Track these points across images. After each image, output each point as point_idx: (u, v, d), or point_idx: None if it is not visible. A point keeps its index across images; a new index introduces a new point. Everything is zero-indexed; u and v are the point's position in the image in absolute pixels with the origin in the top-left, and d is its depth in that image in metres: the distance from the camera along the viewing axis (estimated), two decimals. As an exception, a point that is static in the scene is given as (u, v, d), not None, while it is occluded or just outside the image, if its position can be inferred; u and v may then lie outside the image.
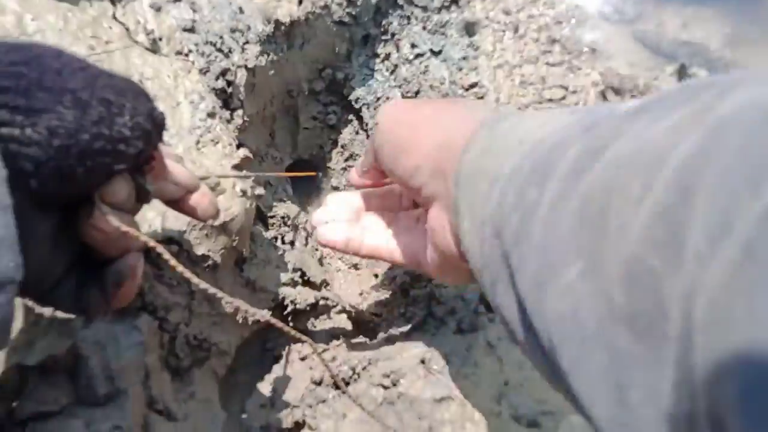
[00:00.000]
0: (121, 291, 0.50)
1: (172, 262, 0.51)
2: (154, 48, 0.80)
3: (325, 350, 0.84)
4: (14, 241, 0.36)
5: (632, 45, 1.19)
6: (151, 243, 0.49)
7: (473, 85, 1.04)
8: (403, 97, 1.04)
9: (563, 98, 1.07)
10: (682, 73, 1.04)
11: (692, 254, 0.25)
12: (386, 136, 0.62)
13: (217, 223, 0.70)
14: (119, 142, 0.43)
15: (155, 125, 0.46)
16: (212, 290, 0.53)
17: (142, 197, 0.50)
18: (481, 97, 1.04)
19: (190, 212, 0.57)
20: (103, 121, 0.42)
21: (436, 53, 1.07)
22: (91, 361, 0.60)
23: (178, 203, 0.56)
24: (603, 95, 1.08)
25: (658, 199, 0.28)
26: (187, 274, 0.52)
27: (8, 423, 0.58)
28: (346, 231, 0.71)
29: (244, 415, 0.78)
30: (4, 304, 0.35)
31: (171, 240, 0.68)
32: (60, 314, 0.60)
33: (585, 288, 0.33)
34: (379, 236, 0.72)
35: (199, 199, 0.56)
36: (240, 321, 0.76)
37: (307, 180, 1.05)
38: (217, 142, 0.77)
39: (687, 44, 1.19)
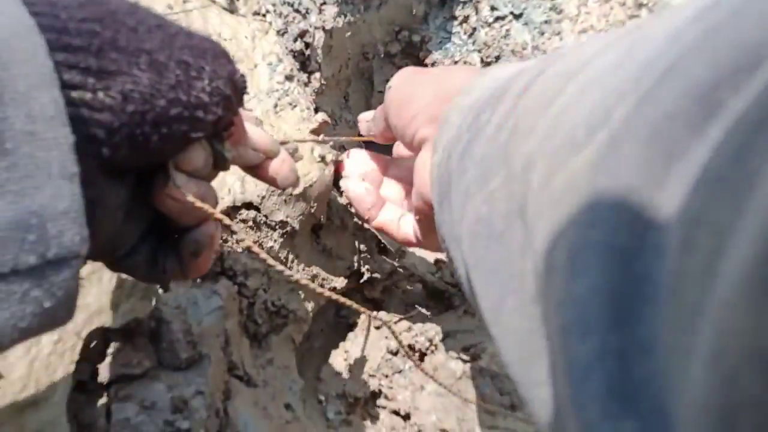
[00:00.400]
0: (198, 261, 0.48)
1: (245, 239, 0.49)
2: (231, 8, 0.78)
3: (400, 320, 0.82)
4: (80, 212, 0.33)
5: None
6: (226, 221, 0.47)
7: (557, 50, 1.00)
8: (482, 62, 1.01)
9: (650, 64, 1.02)
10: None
11: (571, 144, 0.27)
12: (394, 94, 0.63)
13: (296, 191, 0.69)
14: (197, 109, 0.40)
15: (236, 90, 0.43)
16: (279, 267, 0.51)
17: (220, 164, 0.47)
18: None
19: (270, 180, 0.54)
20: (180, 85, 0.39)
21: (517, 16, 1.02)
22: (173, 326, 0.59)
23: (256, 170, 0.53)
24: (692, 61, 1.02)
25: (563, 100, 0.30)
26: (256, 249, 0.50)
27: (92, 385, 0.58)
28: (371, 195, 0.71)
29: (319, 383, 0.77)
30: (69, 279, 0.33)
31: (249, 205, 0.67)
32: (143, 277, 0.60)
33: (501, 192, 0.35)
34: (391, 212, 0.70)
35: (278, 167, 0.54)
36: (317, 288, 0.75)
37: (383, 145, 1.03)
38: (295, 106, 0.75)
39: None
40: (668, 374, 0.21)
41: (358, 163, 0.73)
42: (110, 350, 0.59)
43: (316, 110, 0.78)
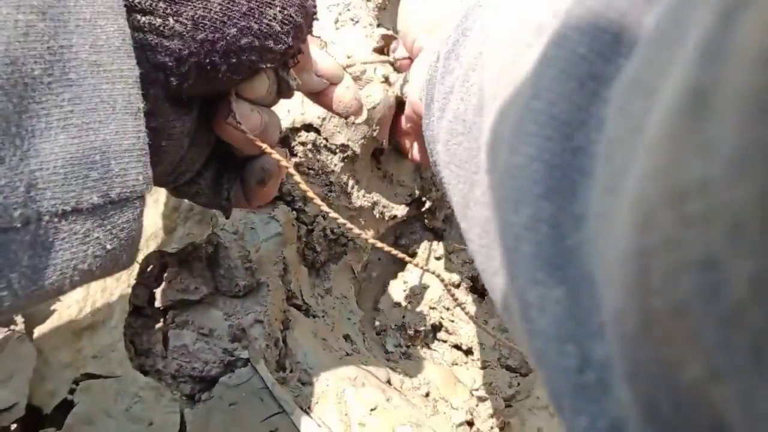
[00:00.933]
0: (265, 189, 0.46)
1: (301, 183, 0.46)
2: None
3: (462, 251, 0.79)
4: (144, 150, 0.32)
5: None
6: (283, 162, 0.44)
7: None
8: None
9: None
10: None
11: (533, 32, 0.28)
12: (403, 7, 0.61)
13: (359, 120, 0.65)
14: (268, 38, 0.38)
15: (306, 17, 0.40)
16: (333, 215, 0.48)
17: (284, 92, 0.45)
18: None
19: (333, 108, 0.51)
20: (252, 12, 0.37)
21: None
22: (230, 251, 0.57)
23: (319, 96, 0.51)
24: None
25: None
26: (311, 194, 0.47)
27: (149, 310, 0.56)
28: None
29: (378, 314, 0.74)
30: (132, 221, 0.32)
31: (309, 127, 0.63)
32: (200, 200, 0.57)
33: (475, 86, 0.34)
34: None
35: (342, 94, 0.51)
36: (377, 216, 0.72)
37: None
38: (357, 21, 0.70)
39: None
40: (595, 240, 0.21)
41: None
42: (167, 275, 0.56)
43: (378, 26, 0.73)
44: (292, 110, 0.62)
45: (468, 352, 0.73)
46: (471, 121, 0.34)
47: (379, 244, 0.53)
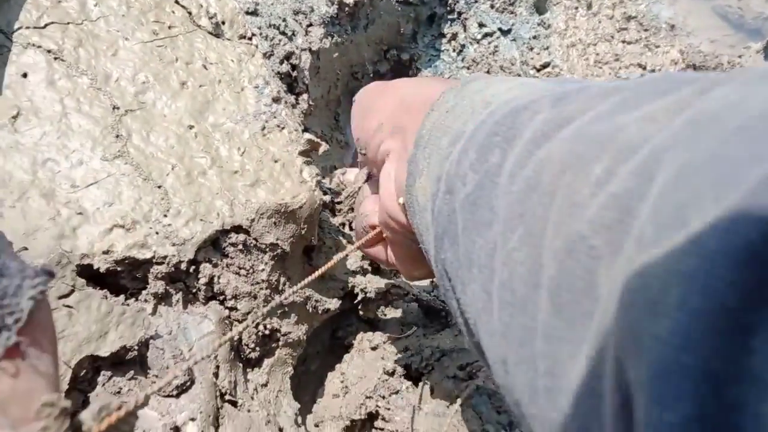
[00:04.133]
0: None
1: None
2: (217, 32, 0.78)
3: (396, 339, 0.81)
4: None
5: (713, 21, 1.13)
6: None
7: (545, 65, 1.00)
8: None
9: (641, 77, 1.02)
10: (768, 47, 0.98)
11: (635, 239, 0.25)
12: (357, 107, 0.62)
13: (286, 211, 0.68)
14: None
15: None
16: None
17: None
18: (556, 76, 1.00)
19: None
20: None
21: (505, 32, 1.03)
22: (164, 352, 0.58)
23: None
24: (682, 72, 1.02)
25: (619, 186, 0.27)
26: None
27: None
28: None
29: (315, 405, 0.76)
30: None
31: (239, 228, 0.66)
32: (131, 305, 0.59)
33: (521, 254, 0.33)
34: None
35: None
36: (310, 310, 0.74)
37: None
38: (283, 128, 0.75)
39: (772, 17, 1.12)
40: None
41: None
42: (100, 378, 0.58)
43: (305, 131, 0.77)
44: (221, 213, 0.65)
45: (403, 438, 0.75)
46: (523, 294, 0.33)
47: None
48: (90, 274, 0.59)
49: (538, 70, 1.00)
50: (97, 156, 0.63)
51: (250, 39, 0.79)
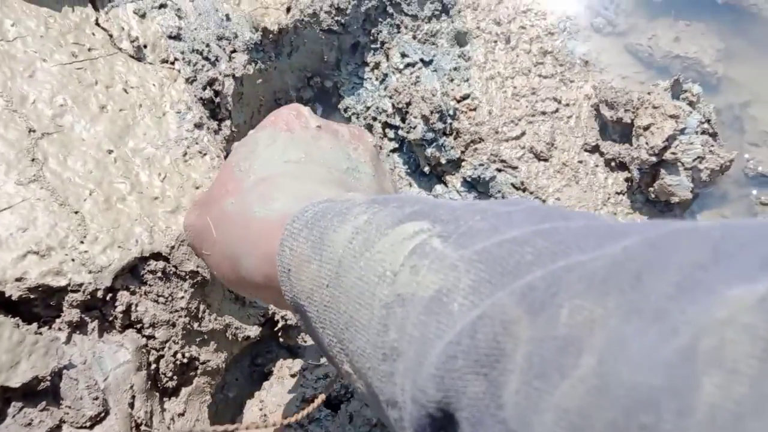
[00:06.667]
0: None
1: None
2: (138, 56, 0.77)
3: (316, 367, 0.81)
4: None
5: (625, 58, 1.18)
6: None
7: (465, 97, 1.03)
8: (394, 107, 1.02)
9: (556, 111, 1.06)
10: (676, 88, 1.03)
11: None
12: (195, 242, 0.61)
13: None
14: None
15: None
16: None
17: None
18: (474, 110, 1.03)
19: None
20: None
21: (426, 63, 1.05)
22: (77, 382, 0.57)
23: None
24: (597, 109, 1.06)
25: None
26: None
27: (-10, 448, 0.55)
28: None
29: (233, 436, 0.75)
30: None
31: (158, 255, 0.65)
32: (44, 333, 0.58)
33: None
34: None
35: None
36: (230, 338, 0.74)
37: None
38: (205, 154, 0.74)
39: (680, 58, 1.18)
40: None
41: None
42: (10, 410, 0.56)
43: (227, 157, 0.77)
44: (140, 240, 0.64)
45: (322, 467, 0.75)
46: None
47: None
48: (1, 302, 0.57)
49: (459, 101, 1.02)
50: (12, 180, 0.61)
51: (172, 63, 0.79)
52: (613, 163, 1.05)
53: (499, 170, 1.02)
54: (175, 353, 0.67)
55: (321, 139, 0.58)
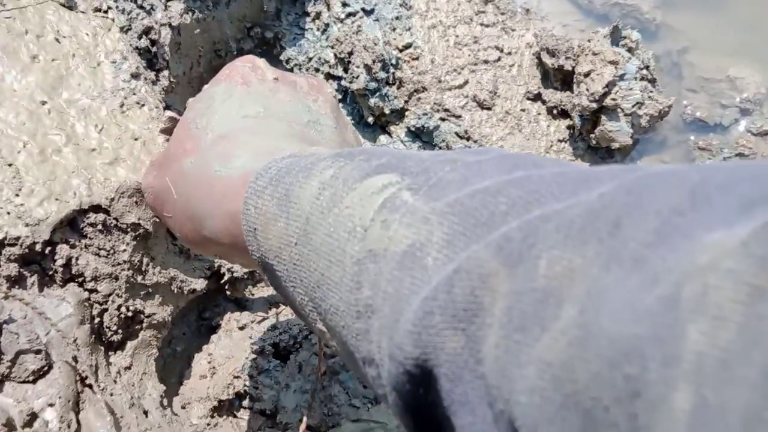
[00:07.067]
0: None
1: None
2: (70, 4, 0.75)
3: (264, 319, 0.81)
4: None
5: (565, 6, 1.19)
6: None
7: (407, 46, 1.02)
8: (336, 57, 1.01)
9: (498, 60, 1.06)
10: (615, 34, 1.04)
11: None
12: (156, 205, 0.59)
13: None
14: None
15: None
16: None
17: None
18: (416, 59, 1.02)
19: None
20: None
21: (368, 12, 1.04)
22: (19, 337, 0.56)
23: None
24: (538, 57, 1.07)
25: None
26: None
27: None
28: None
29: (182, 387, 0.75)
30: None
31: (98, 208, 0.64)
32: (-19, 288, 0.57)
33: None
34: None
35: None
36: (175, 291, 0.73)
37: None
38: (143, 105, 0.73)
39: (619, 5, 1.19)
40: None
41: None
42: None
43: (166, 108, 0.76)
44: (78, 192, 0.63)
45: (272, 416, 0.75)
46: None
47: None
48: (-66, 258, 0.56)
49: (401, 50, 1.02)
50: (-61, 132, 0.59)
51: (105, 12, 0.77)
52: (555, 111, 1.06)
53: (443, 119, 1.02)
54: (119, 307, 0.67)
55: (279, 91, 0.56)
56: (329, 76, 1.04)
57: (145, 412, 0.66)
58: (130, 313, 0.68)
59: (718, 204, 0.22)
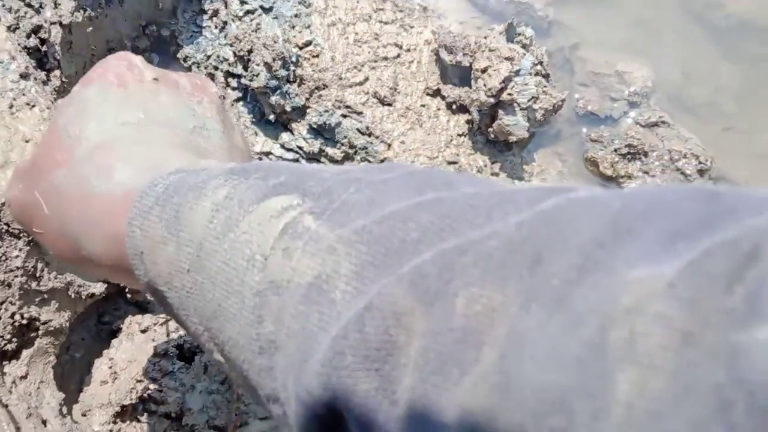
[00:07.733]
0: None
1: None
2: (-48, 2, 0.72)
3: (167, 321, 0.80)
4: None
5: (462, 3, 1.21)
6: None
7: (307, 44, 1.03)
8: (235, 55, 1.01)
9: (398, 56, 1.08)
10: (510, 31, 1.07)
11: None
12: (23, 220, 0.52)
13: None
14: None
15: None
16: None
17: None
18: (317, 56, 1.03)
19: None
20: None
21: (266, 10, 1.03)
22: None
23: None
24: (437, 54, 1.09)
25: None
26: None
27: None
28: None
29: (82, 394, 0.74)
30: None
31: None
32: None
33: None
34: None
35: None
36: (72, 296, 0.71)
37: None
38: (34, 106, 0.70)
39: (513, 3, 1.22)
40: None
41: None
42: None
43: (51, 120, 0.74)
44: (-35, 198, 0.61)
45: (177, 418, 0.74)
46: None
47: None
48: None
49: (301, 48, 1.02)
50: None
51: (-9, 10, 0.74)
52: (454, 106, 1.09)
53: (345, 116, 1.03)
54: (13, 314, 0.65)
55: (160, 93, 0.50)
56: (229, 74, 1.04)
57: (44, 422, 0.64)
58: (24, 321, 0.66)
59: (639, 236, 0.21)
